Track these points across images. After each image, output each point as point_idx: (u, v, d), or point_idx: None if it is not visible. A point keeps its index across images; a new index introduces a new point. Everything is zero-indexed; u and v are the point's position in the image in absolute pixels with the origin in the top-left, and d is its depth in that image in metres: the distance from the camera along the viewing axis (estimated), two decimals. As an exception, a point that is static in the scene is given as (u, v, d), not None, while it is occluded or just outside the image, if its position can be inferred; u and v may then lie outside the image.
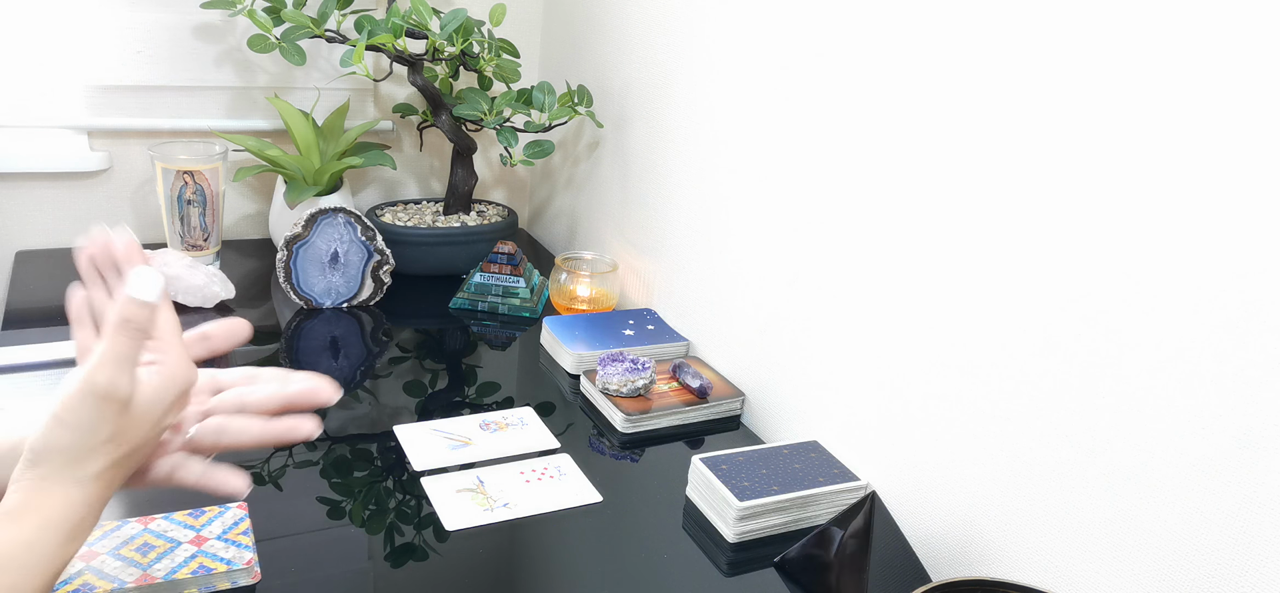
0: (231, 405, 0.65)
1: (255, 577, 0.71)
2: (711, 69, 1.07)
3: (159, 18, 1.27)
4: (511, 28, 1.48)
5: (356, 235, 1.18)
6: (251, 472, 0.85)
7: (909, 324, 0.82)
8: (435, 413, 0.98)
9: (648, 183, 1.23)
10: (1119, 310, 0.64)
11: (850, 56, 0.87)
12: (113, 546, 0.70)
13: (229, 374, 0.67)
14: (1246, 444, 0.58)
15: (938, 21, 0.77)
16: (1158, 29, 0.60)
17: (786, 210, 0.97)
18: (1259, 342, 0.56)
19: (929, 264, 0.80)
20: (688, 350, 1.16)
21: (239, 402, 0.65)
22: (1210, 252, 0.59)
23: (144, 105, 1.31)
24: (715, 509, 0.84)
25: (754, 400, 1.04)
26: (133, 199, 1.34)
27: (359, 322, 1.18)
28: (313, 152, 1.26)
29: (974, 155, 0.74)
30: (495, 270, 1.25)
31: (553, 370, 1.11)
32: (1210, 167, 0.58)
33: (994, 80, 0.72)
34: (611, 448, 0.96)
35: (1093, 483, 0.67)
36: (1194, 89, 0.59)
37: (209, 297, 1.15)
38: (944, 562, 0.81)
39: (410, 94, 1.45)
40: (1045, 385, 0.70)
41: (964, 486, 0.78)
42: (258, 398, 0.65)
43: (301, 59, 1.18)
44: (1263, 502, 0.57)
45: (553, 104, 1.26)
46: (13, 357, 0.98)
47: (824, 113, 0.91)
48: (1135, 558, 0.65)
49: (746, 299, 1.04)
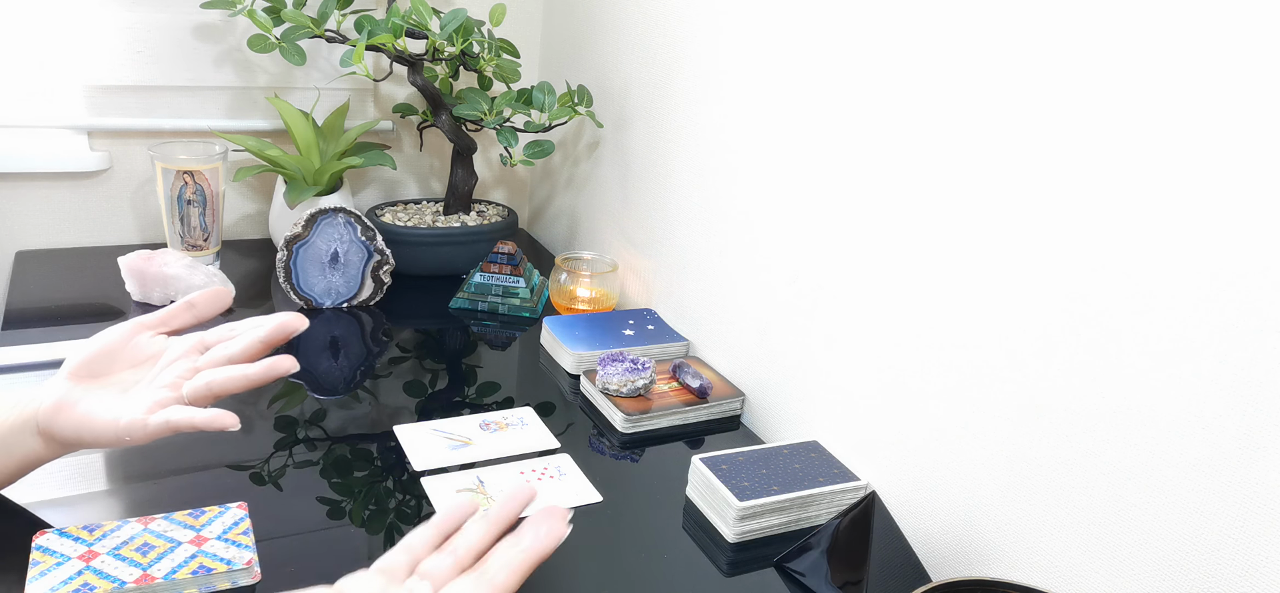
0: (216, 360, 0.72)
1: (255, 577, 0.71)
2: (712, 69, 1.07)
3: (159, 18, 1.27)
4: (511, 28, 1.48)
5: (356, 235, 1.18)
6: (251, 472, 0.85)
7: (909, 324, 0.82)
8: (435, 413, 0.98)
9: (648, 183, 1.23)
10: (1119, 310, 0.64)
11: (851, 57, 0.87)
12: (113, 546, 0.70)
13: (212, 333, 0.75)
14: (1246, 444, 0.58)
15: (938, 21, 0.77)
16: (1158, 29, 0.60)
17: (787, 210, 0.97)
18: (1259, 342, 0.56)
19: (929, 264, 0.80)
20: (688, 350, 1.16)
21: (223, 356, 0.72)
22: (1210, 252, 0.59)
23: (144, 105, 1.31)
24: (715, 509, 0.84)
25: (754, 400, 1.04)
26: (133, 199, 1.34)
27: (359, 322, 1.18)
28: (313, 151, 1.26)
29: (974, 156, 0.74)
30: (495, 270, 1.25)
31: (553, 370, 1.11)
32: (1210, 167, 0.58)
33: (994, 81, 0.72)
34: (611, 448, 0.96)
35: (1093, 483, 0.67)
36: (1194, 89, 0.59)
37: (209, 297, 1.15)
38: (944, 562, 0.81)
39: (410, 94, 1.45)
40: (1045, 385, 0.70)
41: (964, 486, 0.78)
42: (238, 348, 0.73)
43: (301, 59, 1.18)
44: (1263, 502, 0.57)
45: (553, 104, 1.26)
46: (13, 357, 0.98)
47: (825, 113, 0.91)
48: (1135, 558, 0.65)
49: (746, 299, 1.04)
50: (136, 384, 0.72)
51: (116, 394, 0.71)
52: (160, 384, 0.71)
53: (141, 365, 0.73)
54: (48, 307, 1.13)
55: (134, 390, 0.71)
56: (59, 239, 1.32)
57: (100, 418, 0.68)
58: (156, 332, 0.75)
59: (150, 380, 0.72)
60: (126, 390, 0.71)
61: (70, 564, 0.68)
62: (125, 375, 0.72)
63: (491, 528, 0.60)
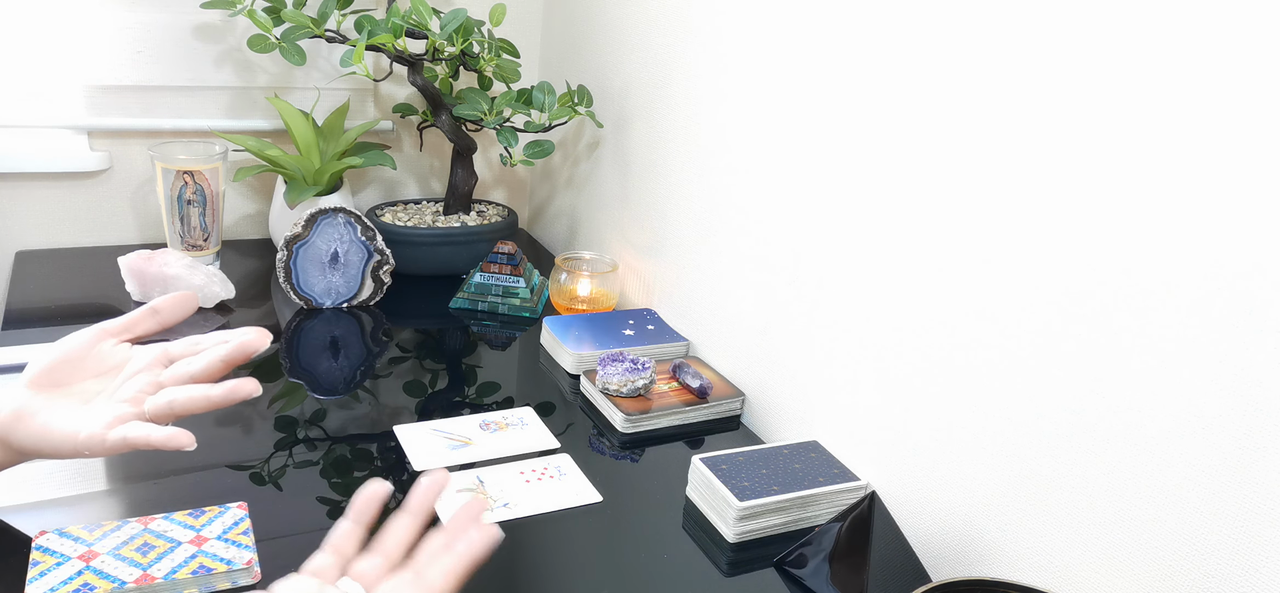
0: (179, 377, 0.70)
1: (255, 577, 0.71)
2: (711, 69, 1.07)
3: (159, 18, 1.27)
4: (511, 28, 1.48)
5: (356, 235, 1.18)
6: (251, 472, 0.85)
7: (909, 324, 0.82)
8: (435, 413, 0.98)
9: (648, 183, 1.23)
10: (1119, 310, 0.64)
11: (852, 56, 0.87)
12: (113, 546, 0.70)
13: (177, 345, 0.73)
14: (1246, 444, 0.58)
15: (939, 22, 0.77)
16: (1158, 28, 0.60)
17: (787, 210, 0.97)
18: (1259, 342, 0.56)
19: (929, 264, 0.80)
20: (688, 350, 1.16)
21: (186, 373, 0.70)
22: (1210, 252, 0.59)
23: (144, 105, 1.31)
24: (715, 509, 0.84)
25: (754, 400, 1.04)
26: (133, 199, 1.34)
27: (359, 322, 1.18)
28: (313, 151, 1.26)
29: (974, 156, 0.74)
30: (495, 270, 1.25)
31: (553, 370, 1.11)
32: (1210, 167, 0.58)
33: (995, 81, 0.72)
34: (611, 448, 0.96)
35: (1093, 483, 0.67)
36: (1194, 89, 0.59)
37: (209, 297, 1.15)
38: (944, 562, 0.81)
39: (410, 94, 1.45)
40: (1045, 386, 0.70)
41: (964, 486, 0.78)
42: (201, 366, 0.71)
43: (301, 59, 1.18)
44: (1263, 502, 0.57)
45: (553, 104, 1.26)
46: (13, 357, 0.98)
47: (825, 113, 0.91)
48: (1135, 558, 0.65)
49: (746, 299, 1.04)
50: (98, 395, 0.70)
51: (77, 405, 0.69)
52: (121, 398, 0.69)
53: (104, 375, 0.71)
54: (48, 307, 1.13)
55: (95, 402, 0.69)
56: (59, 239, 1.32)
57: (59, 430, 0.67)
58: (120, 338, 0.73)
59: (111, 393, 0.70)
60: (87, 401, 0.69)
61: (70, 564, 0.68)
62: (88, 385, 0.71)
63: (414, 521, 0.62)
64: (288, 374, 1.03)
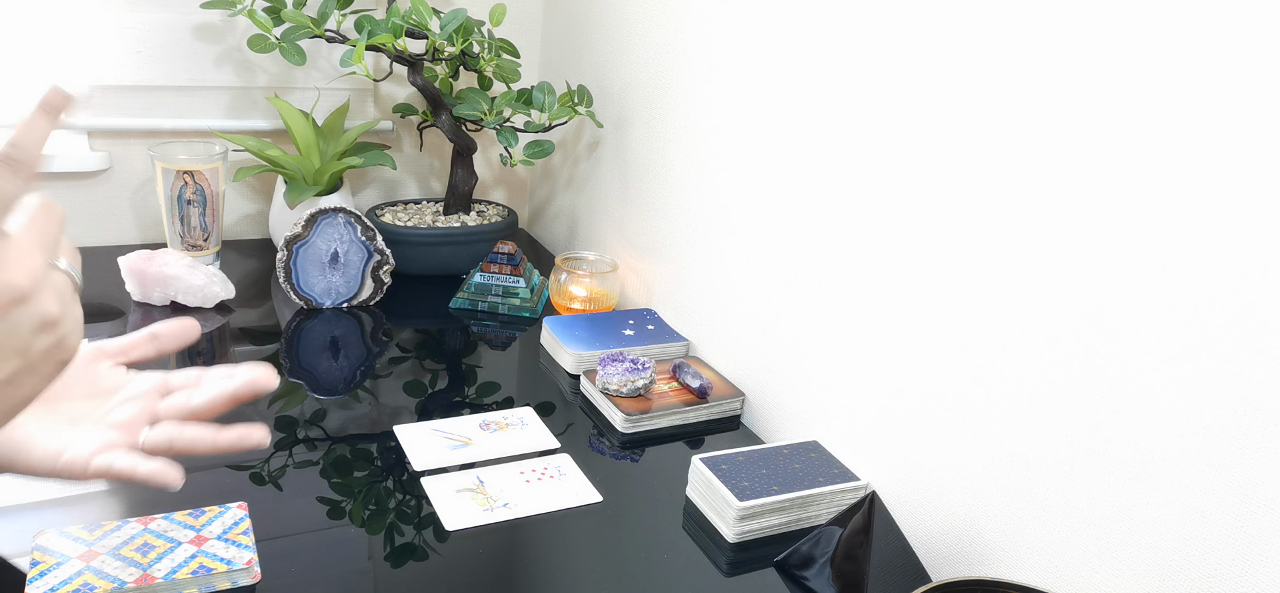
0: (178, 412, 0.64)
1: (255, 577, 0.71)
2: (711, 69, 1.07)
3: (159, 18, 1.27)
4: (511, 28, 1.48)
5: (356, 235, 1.18)
6: (251, 472, 0.85)
7: (909, 324, 0.82)
8: (435, 413, 0.98)
9: (648, 183, 1.23)
10: (1119, 310, 0.64)
11: (852, 57, 0.87)
12: (113, 546, 0.70)
13: (177, 376, 0.67)
14: (1246, 444, 0.58)
15: (939, 22, 0.77)
16: (1157, 29, 0.60)
17: (787, 210, 0.97)
18: (1259, 342, 0.56)
19: (929, 264, 0.80)
20: (688, 350, 1.16)
21: (185, 408, 0.65)
22: (1210, 252, 0.59)
23: (144, 105, 1.31)
24: (715, 509, 0.84)
25: (754, 400, 1.04)
26: (133, 199, 1.34)
27: (359, 322, 1.18)
28: (313, 151, 1.26)
29: (974, 156, 0.74)
30: (495, 270, 1.25)
31: (553, 370, 1.11)
32: (1210, 167, 0.58)
33: (995, 81, 0.72)
34: (611, 448, 0.96)
35: (1093, 483, 0.67)
36: (1193, 90, 0.59)
37: (209, 297, 1.15)
38: (944, 562, 0.81)
39: (410, 94, 1.45)
40: (1045, 385, 0.70)
41: (964, 486, 0.78)
42: (203, 401, 0.65)
43: (301, 59, 1.18)
44: (1263, 502, 0.57)
45: (553, 104, 1.26)
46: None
47: (824, 113, 0.91)
48: (1135, 558, 0.65)
49: (746, 299, 1.04)
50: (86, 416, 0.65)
51: (62, 424, 0.63)
52: (110, 423, 0.64)
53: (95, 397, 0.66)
54: (48, 307, 1.13)
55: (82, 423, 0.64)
56: (59, 239, 1.32)
57: (41, 447, 0.62)
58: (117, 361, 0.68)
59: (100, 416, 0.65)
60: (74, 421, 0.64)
61: (70, 564, 0.68)
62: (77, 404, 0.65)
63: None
64: (288, 374, 1.03)
